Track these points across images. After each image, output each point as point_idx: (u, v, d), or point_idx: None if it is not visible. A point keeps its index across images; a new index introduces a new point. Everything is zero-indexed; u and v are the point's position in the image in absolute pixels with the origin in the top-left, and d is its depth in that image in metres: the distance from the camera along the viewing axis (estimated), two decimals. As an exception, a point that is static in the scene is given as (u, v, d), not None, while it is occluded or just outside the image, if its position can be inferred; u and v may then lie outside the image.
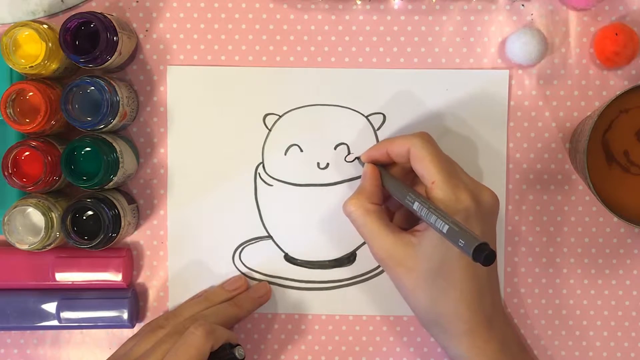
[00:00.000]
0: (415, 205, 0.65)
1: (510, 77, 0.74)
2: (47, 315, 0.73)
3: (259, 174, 0.75)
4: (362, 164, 0.71)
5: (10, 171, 0.68)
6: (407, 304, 0.69)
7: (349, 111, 0.74)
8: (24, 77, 0.71)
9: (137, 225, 0.74)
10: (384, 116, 0.74)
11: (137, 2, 0.74)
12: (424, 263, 0.66)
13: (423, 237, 0.66)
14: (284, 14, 0.74)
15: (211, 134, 0.74)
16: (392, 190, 0.69)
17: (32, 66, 0.68)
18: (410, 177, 0.70)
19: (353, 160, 0.74)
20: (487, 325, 0.67)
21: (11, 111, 0.68)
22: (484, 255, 0.57)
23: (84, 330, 0.75)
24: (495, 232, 0.70)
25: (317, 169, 0.74)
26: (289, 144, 0.74)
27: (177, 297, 0.74)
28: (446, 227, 0.61)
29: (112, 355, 0.69)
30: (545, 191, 0.74)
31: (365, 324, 0.75)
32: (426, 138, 0.68)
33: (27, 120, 0.69)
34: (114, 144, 0.70)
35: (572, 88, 0.74)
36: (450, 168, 0.67)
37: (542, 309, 0.75)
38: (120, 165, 0.70)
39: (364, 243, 0.74)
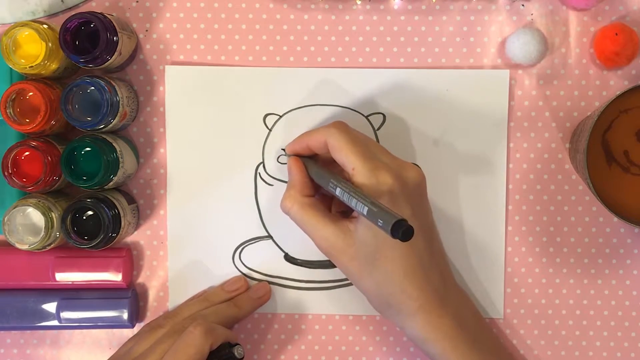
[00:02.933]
0: (338, 191, 0.65)
1: (510, 77, 0.74)
2: (47, 315, 0.73)
3: (259, 173, 0.75)
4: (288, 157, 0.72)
5: (10, 171, 0.69)
6: (359, 290, 0.69)
7: (349, 111, 0.74)
8: (24, 77, 0.71)
9: (137, 225, 0.74)
10: (384, 116, 0.74)
11: (137, 2, 0.74)
12: (362, 249, 0.66)
13: (358, 223, 0.66)
14: (284, 14, 0.74)
15: (211, 134, 0.74)
16: (317, 179, 0.69)
17: (32, 66, 0.68)
18: (338, 167, 0.69)
19: (279, 157, 0.74)
20: (439, 301, 0.67)
21: (11, 111, 0.68)
22: (402, 231, 0.58)
23: (84, 330, 0.75)
24: (428, 208, 0.70)
25: (317, 169, 0.74)
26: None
27: (177, 297, 0.74)
28: (365, 208, 0.61)
29: (112, 355, 0.69)
30: (545, 191, 0.74)
31: (365, 324, 0.75)
32: (341, 127, 0.68)
33: (27, 120, 0.69)
34: (114, 144, 0.70)
35: (572, 88, 0.74)
36: (368, 152, 0.67)
37: (542, 309, 0.75)
38: (120, 165, 0.70)
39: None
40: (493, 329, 0.74)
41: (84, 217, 0.70)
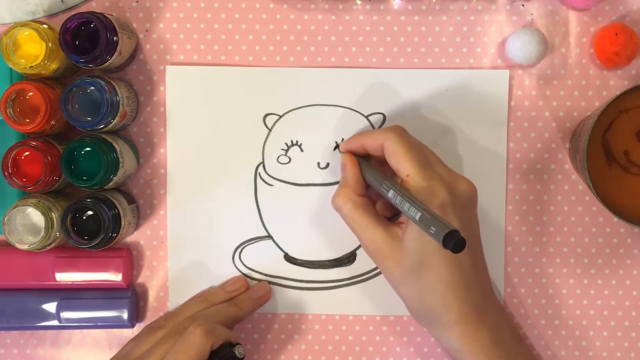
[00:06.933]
0: (390, 194, 0.65)
1: (510, 77, 0.74)
2: (47, 315, 0.73)
3: (259, 173, 0.75)
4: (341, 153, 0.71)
5: (10, 171, 0.69)
6: (398, 296, 0.69)
7: (349, 111, 0.74)
8: (24, 77, 0.71)
9: (137, 225, 0.74)
10: (384, 116, 0.74)
11: (137, 2, 0.74)
12: (408, 256, 0.66)
13: (406, 230, 0.66)
14: (284, 14, 0.74)
15: (211, 134, 0.74)
16: (369, 179, 0.69)
17: (32, 66, 0.68)
18: (389, 169, 0.69)
19: (335, 149, 0.74)
20: (478, 315, 0.67)
21: (11, 111, 0.68)
22: (454, 242, 0.57)
23: (84, 330, 0.75)
24: (477, 222, 0.70)
25: (317, 168, 0.74)
26: (289, 144, 0.74)
27: (177, 297, 0.74)
28: (418, 214, 0.61)
29: (113, 356, 0.69)
30: (546, 191, 0.74)
31: (365, 324, 0.75)
32: (399, 132, 0.68)
33: (27, 120, 0.69)
34: (114, 144, 0.70)
35: (572, 88, 0.74)
36: (424, 160, 0.67)
37: (542, 309, 0.75)
38: (120, 165, 0.70)
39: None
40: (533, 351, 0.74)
41: (84, 217, 0.70)
